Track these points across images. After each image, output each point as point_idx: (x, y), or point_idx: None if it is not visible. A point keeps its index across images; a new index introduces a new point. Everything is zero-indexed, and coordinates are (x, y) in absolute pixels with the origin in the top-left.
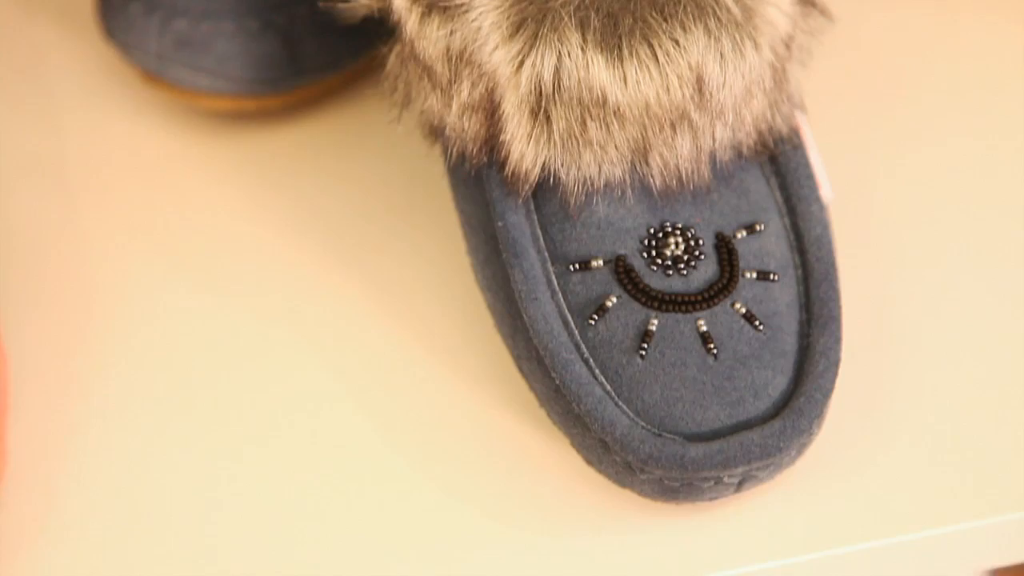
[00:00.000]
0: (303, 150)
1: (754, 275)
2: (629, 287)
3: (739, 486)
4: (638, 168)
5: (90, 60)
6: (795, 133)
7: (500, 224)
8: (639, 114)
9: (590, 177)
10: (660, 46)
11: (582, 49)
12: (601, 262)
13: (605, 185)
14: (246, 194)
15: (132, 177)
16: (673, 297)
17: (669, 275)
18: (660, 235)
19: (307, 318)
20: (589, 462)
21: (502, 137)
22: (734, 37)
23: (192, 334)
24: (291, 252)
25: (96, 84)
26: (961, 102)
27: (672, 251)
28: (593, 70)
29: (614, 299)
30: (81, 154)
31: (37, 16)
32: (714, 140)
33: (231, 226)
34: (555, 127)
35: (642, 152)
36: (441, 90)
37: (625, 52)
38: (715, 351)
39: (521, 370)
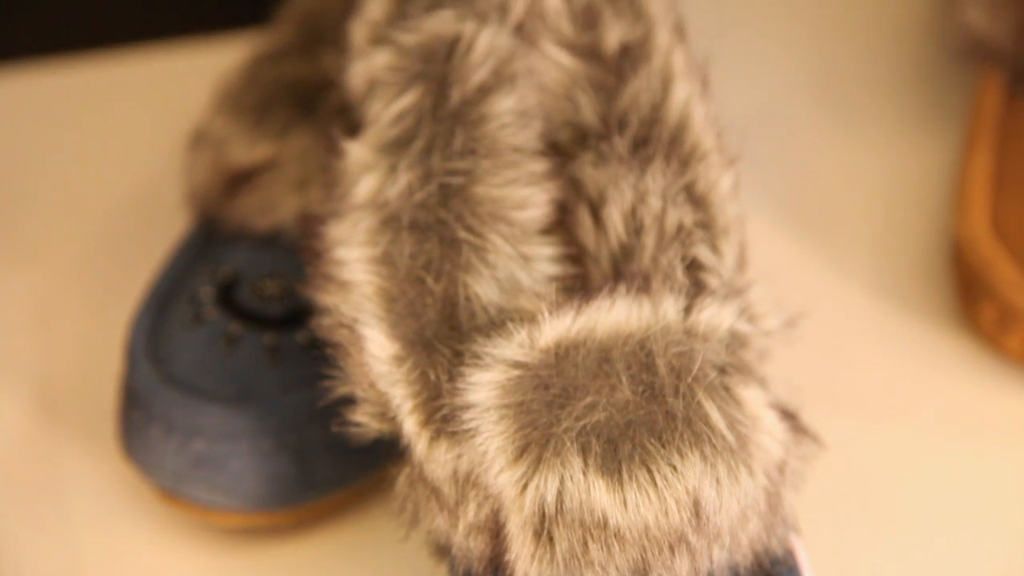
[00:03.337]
0: (312, 565)
1: None
2: None
3: None
4: None
5: (107, 478)
6: (790, 555)
7: None
8: (639, 536)
9: None
10: (658, 471)
11: (584, 473)
12: None
13: None
14: None
15: None
16: None
17: None
18: None
19: None
20: None
21: (506, 556)
22: (729, 463)
23: None
24: None
25: (112, 502)
26: (951, 524)
27: None
28: (594, 493)
29: None
30: (96, 571)
31: (56, 434)
32: (711, 561)
33: None
34: (558, 548)
35: (642, 572)
36: (448, 510)
37: (625, 476)
38: None
39: None
